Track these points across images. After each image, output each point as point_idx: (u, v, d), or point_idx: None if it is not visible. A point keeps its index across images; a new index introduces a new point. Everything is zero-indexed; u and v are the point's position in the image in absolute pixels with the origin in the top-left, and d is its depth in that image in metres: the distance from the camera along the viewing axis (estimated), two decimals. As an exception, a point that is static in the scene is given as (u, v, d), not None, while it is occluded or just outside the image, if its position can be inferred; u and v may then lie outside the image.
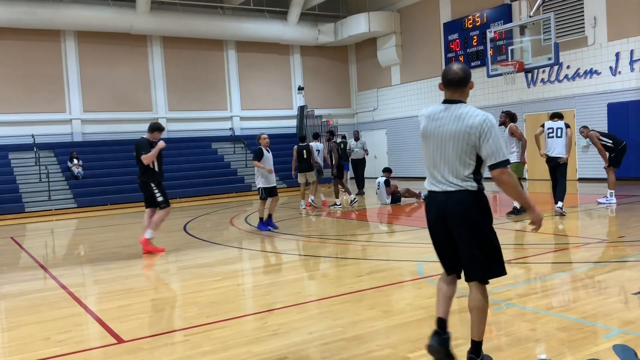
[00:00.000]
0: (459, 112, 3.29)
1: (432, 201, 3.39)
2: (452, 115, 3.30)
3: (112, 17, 19.75)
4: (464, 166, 3.24)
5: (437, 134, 3.32)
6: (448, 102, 3.40)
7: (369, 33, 23.23)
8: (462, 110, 3.30)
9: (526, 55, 14.04)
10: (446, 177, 3.28)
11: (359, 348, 3.88)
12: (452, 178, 3.26)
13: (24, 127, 19.37)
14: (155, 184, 8.47)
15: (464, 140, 3.21)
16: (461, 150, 3.22)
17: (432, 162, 3.36)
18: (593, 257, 6.62)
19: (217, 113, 23.08)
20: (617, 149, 11.11)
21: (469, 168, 3.24)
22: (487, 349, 3.71)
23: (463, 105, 3.35)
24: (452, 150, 3.25)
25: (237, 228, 11.31)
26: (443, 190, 3.29)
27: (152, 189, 8.43)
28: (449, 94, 3.41)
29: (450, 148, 3.25)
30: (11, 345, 4.49)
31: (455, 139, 3.24)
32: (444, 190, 3.29)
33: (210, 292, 5.85)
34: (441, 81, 3.45)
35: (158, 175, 8.53)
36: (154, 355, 4.02)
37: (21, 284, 6.93)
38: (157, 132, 8.48)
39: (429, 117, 3.41)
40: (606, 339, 3.79)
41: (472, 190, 3.24)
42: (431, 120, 3.39)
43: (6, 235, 12.17)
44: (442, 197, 3.29)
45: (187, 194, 18.88)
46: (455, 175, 3.25)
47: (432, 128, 3.35)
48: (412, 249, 7.72)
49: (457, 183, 3.25)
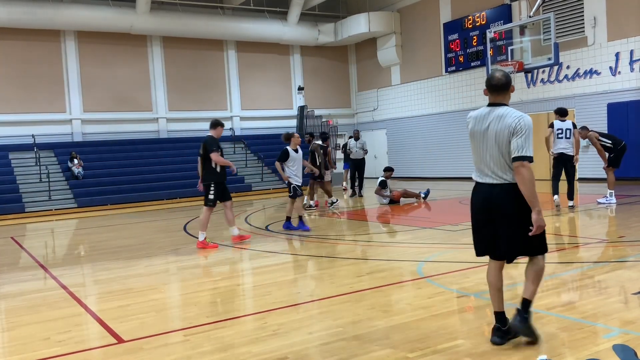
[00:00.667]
0: (501, 113, 3.72)
1: (478, 192, 3.86)
2: (495, 116, 3.73)
3: (112, 17, 19.76)
4: (506, 161, 3.67)
5: (483, 134, 3.76)
6: (492, 105, 3.82)
7: (369, 33, 23.23)
8: (504, 111, 3.72)
9: (526, 55, 14.02)
10: (492, 171, 3.73)
11: (359, 348, 3.88)
12: (498, 172, 3.71)
13: (24, 127, 19.37)
14: (214, 184, 8.76)
15: (504, 137, 3.66)
16: (504, 146, 3.66)
17: (479, 158, 3.82)
18: (593, 257, 6.62)
19: (217, 113, 23.02)
20: (616, 149, 11.11)
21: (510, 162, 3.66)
22: (487, 349, 3.71)
23: (504, 107, 3.76)
24: (496, 147, 3.68)
25: (237, 228, 11.29)
26: (489, 182, 3.76)
27: (210, 187, 8.73)
28: (493, 98, 3.83)
29: (494, 145, 3.69)
30: (11, 345, 4.49)
31: (498, 137, 3.68)
32: (490, 182, 3.75)
33: (210, 292, 5.85)
34: (485, 87, 3.86)
35: (219, 175, 8.84)
36: (154, 355, 4.02)
37: (21, 284, 6.93)
38: (219, 128, 8.87)
39: (476, 119, 3.85)
40: (606, 339, 3.79)
41: (513, 183, 3.67)
42: (478, 121, 3.82)
43: (6, 235, 12.17)
44: (488, 189, 3.76)
45: (187, 194, 18.86)
46: (500, 169, 3.70)
47: (479, 128, 3.80)
48: (412, 249, 7.73)
49: (501, 176, 3.70)
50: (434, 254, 7.20)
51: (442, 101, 21.66)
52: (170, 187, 19.01)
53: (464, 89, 20.67)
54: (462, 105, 20.54)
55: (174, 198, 18.66)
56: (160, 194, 18.52)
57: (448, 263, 6.56)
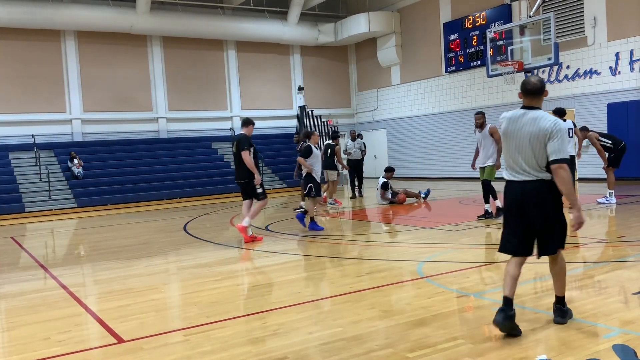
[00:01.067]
0: (535, 116, 3.97)
1: (511, 189, 4.10)
2: (529, 119, 3.98)
3: (112, 17, 19.76)
4: (539, 160, 3.93)
5: (518, 134, 4.00)
6: (526, 107, 4.07)
7: (369, 33, 23.23)
8: (538, 114, 3.98)
9: (526, 55, 14.03)
10: (524, 169, 3.99)
11: (359, 348, 3.88)
12: (530, 170, 3.97)
13: (24, 127, 19.37)
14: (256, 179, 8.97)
15: (538, 139, 3.91)
16: (537, 147, 3.92)
17: (512, 157, 4.06)
18: (593, 257, 6.62)
19: (217, 113, 23.08)
20: (616, 149, 11.11)
21: (543, 162, 3.92)
22: (487, 349, 3.71)
23: (539, 111, 4.03)
24: (530, 147, 3.94)
25: (237, 228, 11.29)
26: (521, 180, 4.01)
27: (255, 183, 8.92)
28: (527, 102, 4.08)
29: (528, 145, 3.94)
30: (11, 345, 4.49)
31: (532, 138, 3.93)
32: (522, 180, 4.00)
33: (210, 292, 5.85)
34: (520, 91, 4.12)
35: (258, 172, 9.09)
36: (154, 355, 4.02)
37: (21, 284, 6.93)
38: (251, 126, 9.15)
39: (510, 120, 4.09)
40: (606, 339, 3.79)
41: (546, 180, 3.95)
42: (512, 122, 4.07)
43: (6, 235, 12.17)
44: (520, 186, 4.01)
45: (187, 194, 18.89)
46: (532, 167, 3.96)
47: (513, 129, 4.04)
48: (412, 249, 7.73)
49: (533, 174, 3.96)
50: (434, 254, 7.20)
51: (442, 101, 21.66)
52: (170, 187, 19.01)
53: (464, 89, 20.67)
54: (462, 105, 20.54)
55: (174, 198, 18.66)
56: (160, 194, 18.52)
57: (448, 263, 6.56)
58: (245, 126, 9.11)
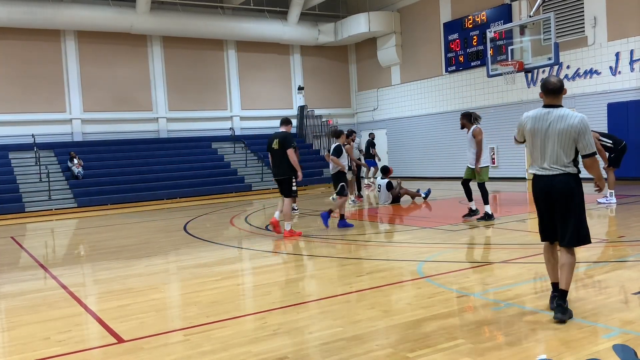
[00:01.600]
0: (561, 114, 4.26)
1: (538, 183, 4.36)
2: (556, 116, 4.25)
3: (112, 17, 19.76)
4: (566, 155, 4.24)
5: (545, 132, 4.26)
6: (549, 106, 4.35)
7: (369, 33, 23.23)
8: (563, 112, 4.27)
9: (526, 55, 14.03)
10: (551, 164, 4.26)
11: (359, 348, 3.88)
12: (557, 164, 4.25)
13: (24, 127, 19.38)
14: (295, 177, 9.29)
15: (566, 135, 4.20)
16: (565, 143, 4.20)
17: (539, 153, 4.32)
18: (593, 256, 6.62)
19: (217, 113, 23.08)
20: (616, 149, 11.11)
21: (570, 157, 4.24)
22: (487, 349, 3.71)
23: (562, 108, 4.31)
24: (558, 143, 4.22)
25: (237, 228, 11.31)
26: (548, 174, 4.28)
27: (292, 180, 9.25)
28: (549, 100, 4.36)
29: (556, 141, 4.22)
30: (11, 345, 4.49)
31: (560, 134, 4.21)
32: (549, 174, 4.28)
33: (210, 292, 5.85)
34: (541, 90, 4.39)
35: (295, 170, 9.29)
36: (154, 355, 4.02)
37: (21, 283, 6.93)
38: (290, 125, 9.56)
39: (535, 118, 4.35)
40: (606, 339, 3.79)
41: (572, 173, 4.27)
42: (537, 120, 4.33)
43: (6, 235, 12.17)
44: (548, 180, 4.29)
45: (187, 194, 18.89)
46: (559, 163, 4.25)
47: (539, 127, 4.30)
48: (412, 249, 7.73)
49: (560, 168, 4.26)
50: (434, 254, 7.20)
51: (442, 101, 21.66)
52: (169, 187, 19.01)
53: (464, 88, 20.67)
54: (462, 105, 20.52)
55: (174, 198, 18.67)
56: (160, 194, 18.52)
57: (448, 263, 6.56)
58: (286, 125, 9.42)
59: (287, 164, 9.13)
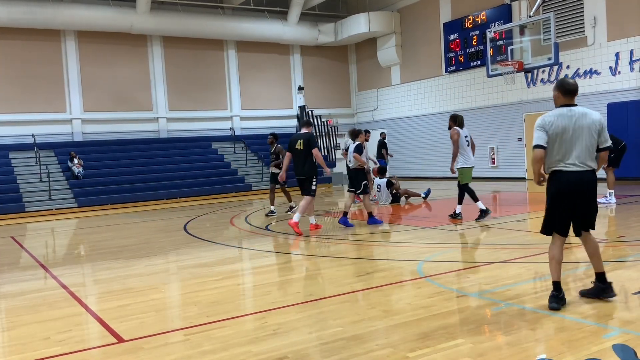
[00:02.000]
0: (583, 111, 4.50)
1: (568, 178, 4.48)
2: (580, 114, 4.47)
3: (112, 17, 19.76)
4: (591, 150, 4.47)
5: (573, 128, 4.43)
6: (568, 105, 4.54)
7: (369, 33, 23.23)
8: (583, 110, 4.51)
9: (526, 55, 14.02)
10: (580, 160, 4.44)
11: (359, 348, 3.88)
12: (586, 160, 4.45)
13: (24, 127, 19.38)
14: (315, 176, 9.72)
15: (592, 130, 4.45)
16: (592, 138, 4.45)
17: (567, 150, 4.45)
18: (593, 257, 6.61)
19: (217, 113, 23.09)
20: (616, 149, 11.08)
21: (593, 152, 4.49)
22: (487, 349, 3.71)
23: (580, 107, 4.53)
24: (587, 139, 4.44)
25: (237, 228, 11.31)
26: (576, 170, 4.45)
27: (313, 179, 9.65)
28: (568, 100, 4.56)
29: (585, 137, 4.43)
30: (11, 345, 4.49)
31: (587, 130, 4.43)
32: (578, 170, 4.44)
33: (210, 292, 5.85)
34: (558, 91, 4.59)
35: (316, 169, 9.80)
36: (154, 354, 4.02)
37: (21, 283, 6.93)
38: (311, 126, 10.13)
39: (560, 117, 4.48)
40: (606, 338, 3.79)
41: (594, 169, 4.52)
42: (563, 119, 4.47)
43: (6, 235, 12.18)
44: (576, 175, 4.44)
45: (187, 194, 18.90)
46: (587, 158, 4.46)
47: (567, 124, 4.44)
48: (412, 249, 7.73)
49: (588, 164, 4.46)
50: (434, 254, 7.20)
51: (442, 101, 21.66)
52: (170, 186, 19.02)
53: (464, 88, 20.67)
54: (462, 105, 20.54)
55: (174, 198, 18.67)
56: (160, 194, 18.52)
57: (448, 263, 6.56)
58: (307, 126, 10.00)
59: (309, 164, 9.56)
